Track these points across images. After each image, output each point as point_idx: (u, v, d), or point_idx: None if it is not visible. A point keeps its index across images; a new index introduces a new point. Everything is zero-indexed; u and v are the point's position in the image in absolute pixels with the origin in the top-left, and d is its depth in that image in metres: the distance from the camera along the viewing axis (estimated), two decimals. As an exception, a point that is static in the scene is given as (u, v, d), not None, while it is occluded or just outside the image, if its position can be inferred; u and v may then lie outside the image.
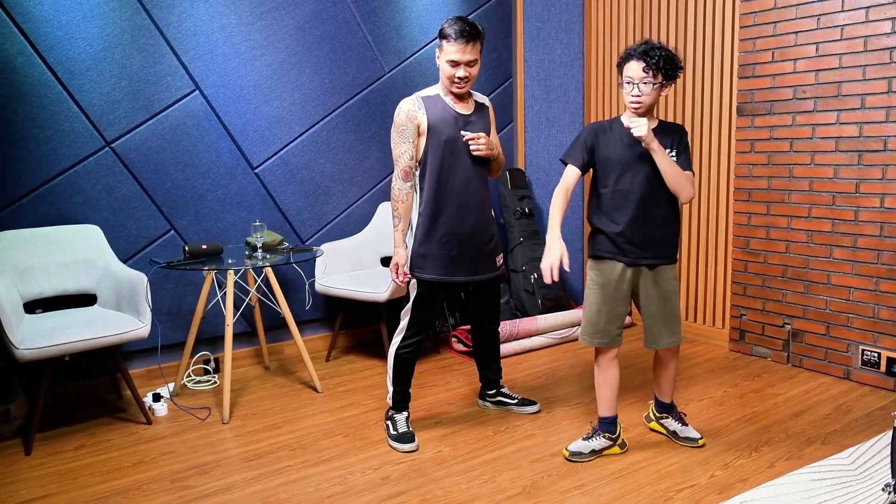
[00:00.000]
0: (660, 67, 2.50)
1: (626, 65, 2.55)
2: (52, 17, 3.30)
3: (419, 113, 2.85)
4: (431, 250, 2.89)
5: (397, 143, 2.87)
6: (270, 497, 2.53)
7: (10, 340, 2.78)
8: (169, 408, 3.39)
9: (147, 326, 3.11)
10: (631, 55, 2.54)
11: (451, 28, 2.76)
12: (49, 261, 3.28)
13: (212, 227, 3.84)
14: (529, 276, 4.59)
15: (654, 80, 2.51)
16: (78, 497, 2.57)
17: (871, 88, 3.40)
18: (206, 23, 3.72)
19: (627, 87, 2.55)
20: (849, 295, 3.57)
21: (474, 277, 2.98)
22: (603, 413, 2.80)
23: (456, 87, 2.84)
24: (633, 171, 2.60)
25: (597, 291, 2.70)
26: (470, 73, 2.81)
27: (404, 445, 2.91)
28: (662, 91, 2.57)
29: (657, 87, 2.53)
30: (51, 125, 3.35)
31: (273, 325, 4.07)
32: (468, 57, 2.77)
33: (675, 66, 2.53)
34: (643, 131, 2.47)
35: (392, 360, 3.00)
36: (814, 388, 3.51)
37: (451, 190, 2.87)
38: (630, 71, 2.53)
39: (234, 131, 3.87)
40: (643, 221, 2.62)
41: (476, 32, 2.78)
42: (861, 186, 3.47)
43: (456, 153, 2.87)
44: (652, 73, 2.50)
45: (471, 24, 2.78)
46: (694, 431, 2.90)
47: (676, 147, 2.63)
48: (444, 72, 2.83)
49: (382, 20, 4.33)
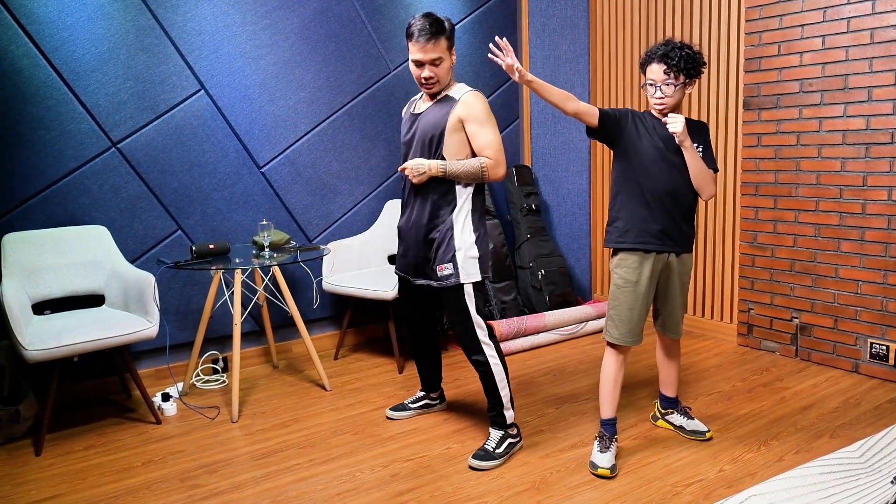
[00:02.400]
0: (681, 68, 2.50)
1: (648, 67, 2.56)
2: (57, 19, 3.31)
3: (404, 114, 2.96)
4: (398, 247, 2.98)
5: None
6: (280, 495, 2.54)
7: (19, 342, 2.79)
8: (178, 407, 3.40)
9: (155, 326, 3.12)
10: (652, 57, 2.54)
11: (413, 27, 2.64)
12: (57, 262, 3.29)
13: (219, 227, 3.85)
14: (537, 273, 4.59)
15: (676, 81, 2.51)
16: (88, 497, 2.58)
17: (877, 81, 3.38)
18: (210, 22, 3.72)
19: (650, 89, 2.56)
20: (857, 288, 3.56)
21: (417, 280, 2.87)
22: (611, 414, 2.72)
23: (425, 88, 2.75)
24: (665, 164, 2.59)
25: (629, 290, 2.63)
26: (436, 73, 2.67)
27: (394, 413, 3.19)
28: (686, 90, 2.57)
29: (680, 88, 2.54)
30: (57, 126, 3.36)
31: (281, 323, 4.08)
32: (431, 56, 2.64)
33: (697, 64, 2.52)
34: (679, 128, 2.47)
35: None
36: (822, 382, 3.50)
37: (407, 191, 2.88)
38: (652, 73, 2.54)
39: (239, 131, 3.87)
40: (671, 212, 2.61)
41: (438, 30, 2.62)
42: (868, 179, 3.46)
43: (407, 154, 2.88)
44: (673, 74, 2.50)
45: (434, 20, 2.63)
46: (701, 424, 2.89)
47: (703, 145, 2.63)
48: (413, 73, 2.73)
49: (387, 18, 4.33)
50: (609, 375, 2.72)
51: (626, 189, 2.65)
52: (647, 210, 2.61)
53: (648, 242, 2.62)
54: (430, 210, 2.76)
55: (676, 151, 2.58)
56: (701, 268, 4.32)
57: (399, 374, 3.81)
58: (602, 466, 2.59)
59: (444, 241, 2.73)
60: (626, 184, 2.65)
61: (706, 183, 2.59)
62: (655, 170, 2.59)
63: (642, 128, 2.62)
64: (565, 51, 4.87)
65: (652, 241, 2.62)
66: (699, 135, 2.63)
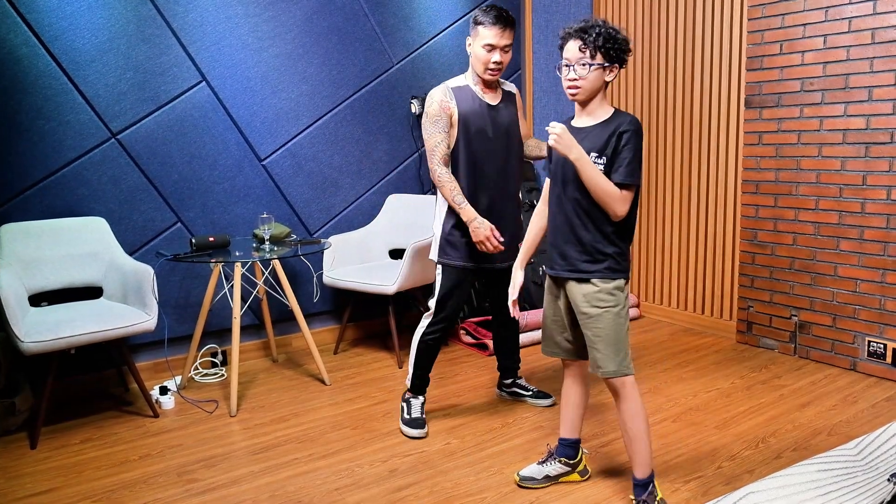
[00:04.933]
0: (598, 46, 2.14)
1: (565, 46, 2.21)
2: (57, 7, 3.29)
3: (451, 103, 2.87)
4: (460, 238, 2.92)
5: (432, 134, 2.88)
6: (278, 490, 2.54)
7: (15, 334, 2.78)
8: (176, 401, 3.40)
9: (153, 319, 3.11)
10: (568, 34, 2.21)
11: (486, 15, 2.80)
12: (54, 253, 3.28)
13: (219, 220, 3.84)
14: (538, 269, 4.59)
15: (593, 60, 2.16)
16: (84, 490, 2.57)
17: (878, 81, 3.38)
18: (212, 13, 3.70)
19: (564, 70, 2.21)
20: (855, 287, 3.56)
21: (500, 265, 2.99)
22: (568, 434, 2.52)
23: (489, 74, 2.85)
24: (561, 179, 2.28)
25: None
26: (504, 59, 2.84)
27: (413, 430, 2.93)
28: (606, 75, 2.20)
29: (597, 71, 2.17)
30: (56, 116, 3.34)
31: (281, 317, 4.07)
32: (504, 41, 2.80)
33: (619, 46, 2.17)
34: (552, 140, 2.13)
35: (416, 344, 3.02)
36: (820, 380, 3.51)
37: (483, 180, 2.90)
38: (567, 52, 2.20)
39: (241, 123, 3.86)
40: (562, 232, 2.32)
41: (511, 19, 2.83)
42: (868, 179, 3.46)
43: (487, 143, 2.89)
44: (590, 52, 2.15)
45: (506, 10, 2.83)
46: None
47: (613, 150, 2.19)
48: (479, 57, 2.83)
49: (390, 11, 4.31)
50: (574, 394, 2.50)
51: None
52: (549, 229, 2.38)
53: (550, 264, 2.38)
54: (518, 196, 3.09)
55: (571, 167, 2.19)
56: (701, 265, 4.32)
57: (399, 369, 3.81)
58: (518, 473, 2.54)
59: (522, 221, 3.10)
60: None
61: (603, 200, 2.17)
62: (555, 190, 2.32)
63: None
64: (566, 47, 4.86)
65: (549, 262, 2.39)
66: (612, 139, 2.19)
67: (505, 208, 2.98)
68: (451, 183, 2.87)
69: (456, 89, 2.89)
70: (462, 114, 2.85)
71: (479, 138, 2.87)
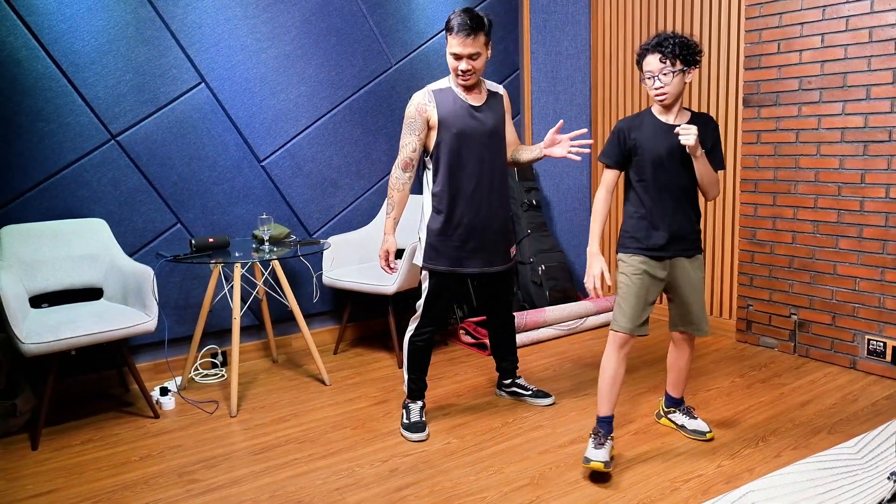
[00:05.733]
0: (676, 55, 2.46)
1: (644, 60, 2.54)
2: (56, 10, 3.29)
3: (429, 106, 2.87)
4: (445, 242, 2.91)
5: (404, 135, 2.91)
6: (278, 490, 2.54)
7: (16, 335, 2.78)
8: (176, 401, 3.40)
9: (154, 320, 3.11)
10: (646, 50, 2.53)
11: (454, 21, 2.76)
12: (55, 255, 3.28)
13: (218, 221, 3.84)
14: (537, 268, 4.59)
15: (673, 67, 2.48)
16: (85, 491, 2.57)
17: (876, 79, 3.38)
18: (211, 15, 3.71)
19: (649, 81, 2.53)
20: (855, 285, 3.57)
21: (487, 269, 2.98)
22: (608, 412, 2.67)
23: (461, 80, 2.86)
24: (668, 164, 2.58)
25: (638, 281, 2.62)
26: (473, 66, 2.80)
27: (413, 434, 2.92)
28: (686, 78, 2.53)
29: (679, 75, 2.50)
30: (56, 118, 3.34)
31: (280, 318, 4.07)
32: (469, 50, 2.76)
33: (693, 50, 2.49)
34: (691, 140, 2.43)
35: (406, 348, 3.03)
36: (820, 378, 3.51)
37: (464, 182, 2.89)
38: (648, 66, 2.52)
39: (240, 124, 3.86)
40: (678, 213, 2.61)
41: (478, 25, 2.76)
42: (867, 177, 3.46)
43: (469, 145, 2.88)
44: (669, 62, 2.47)
45: (474, 16, 2.76)
46: (703, 424, 2.89)
47: (713, 143, 2.61)
48: (450, 64, 2.85)
49: (389, 12, 4.32)
50: (609, 372, 2.66)
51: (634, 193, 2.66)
52: (653, 213, 2.62)
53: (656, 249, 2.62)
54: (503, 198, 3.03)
55: (679, 149, 2.54)
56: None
57: (399, 369, 3.81)
58: (595, 459, 2.53)
59: (509, 224, 3.09)
60: (632, 189, 2.67)
61: (712, 186, 2.61)
62: (660, 171, 2.59)
63: (638, 133, 2.61)
64: (566, 47, 4.87)
65: (657, 249, 2.62)
66: (708, 134, 2.60)
67: (490, 209, 2.95)
68: (398, 193, 2.92)
69: (437, 92, 2.90)
70: (442, 116, 2.86)
71: (460, 140, 2.86)
